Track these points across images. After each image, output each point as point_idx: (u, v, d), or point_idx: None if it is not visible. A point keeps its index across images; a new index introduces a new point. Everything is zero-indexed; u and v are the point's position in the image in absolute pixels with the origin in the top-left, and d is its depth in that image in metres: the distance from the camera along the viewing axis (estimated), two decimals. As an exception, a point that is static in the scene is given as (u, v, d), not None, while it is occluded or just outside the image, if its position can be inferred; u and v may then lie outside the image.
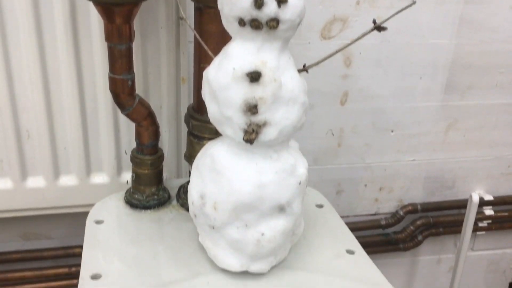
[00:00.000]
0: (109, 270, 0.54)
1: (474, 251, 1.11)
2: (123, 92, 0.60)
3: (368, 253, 0.60)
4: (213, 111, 0.49)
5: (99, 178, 0.76)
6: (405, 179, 0.99)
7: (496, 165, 1.02)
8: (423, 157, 0.98)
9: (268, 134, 0.47)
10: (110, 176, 0.76)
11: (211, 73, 0.48)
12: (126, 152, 0.75)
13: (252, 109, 0.46)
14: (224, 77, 0.46)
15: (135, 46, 0.67)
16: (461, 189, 1.03)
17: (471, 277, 1.13)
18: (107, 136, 0.73)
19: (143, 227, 0.63)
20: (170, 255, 0.58)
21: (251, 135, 0.47)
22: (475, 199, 0.97)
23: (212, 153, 0.51)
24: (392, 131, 0.94)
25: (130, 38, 0.58)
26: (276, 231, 0.51)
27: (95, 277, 0.53)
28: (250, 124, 0.47)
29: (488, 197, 1.02)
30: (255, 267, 0.53)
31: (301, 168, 0.51)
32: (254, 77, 0.45)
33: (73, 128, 0.72)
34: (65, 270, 0.85)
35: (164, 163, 0.69)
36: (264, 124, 0.47)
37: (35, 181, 0.74)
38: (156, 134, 0.65)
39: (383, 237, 1.01)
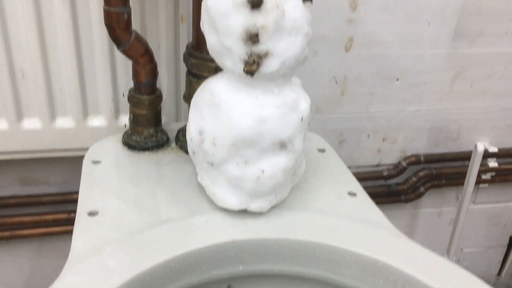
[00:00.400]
0: (106, 208, 0.53)
1: (475, 204, 1.10)
2: (119, 26, 0.58)
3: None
4: (212, 41, 0.47)
5: (97, 121, 0.74)
6: (409, 130, 0.97)
7: (503, 116, 1.00)
8: (428, 107, 0.96)
9: (269, 65, 0.45)
10: (108, 119, 0.74)
11: (210, 0, 0.45)
12: (123, 95, 0.73)
13: (253, 38, 0.44)
14: (223, 4, 0.44)
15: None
16: (466, 141, 1.01)
17: (472, 230, 1.13)
18: (104, 77, 0.71)
19: (141, 168, 0.62)
20: (168, 195, 0.56)
21: (251, 66, 0.45)
22: (480, 148, 0.95)
23: (212, 88, 0.49)
24: (397, 80, 0.91)
25: (125, -32, 0.56)
26: (276, 168, 0.49)
27: (92, 213, 0.52)
28: (250, 55, 0.45)
29: (493, 149, 1.00)
30: (254, 206, 0.51)
31: (304, 103, 0.50)
32: (256, 3, 0.43)
33: (68, 68, 0.70)
34: (64, 215, 0.85)
35: (163, 107, 0.67)
36: (266, 54, 0.45)
37: (31, 123, 0.72)
38: (154, 72, 0.63)
39: (384, 188, 1.00)
